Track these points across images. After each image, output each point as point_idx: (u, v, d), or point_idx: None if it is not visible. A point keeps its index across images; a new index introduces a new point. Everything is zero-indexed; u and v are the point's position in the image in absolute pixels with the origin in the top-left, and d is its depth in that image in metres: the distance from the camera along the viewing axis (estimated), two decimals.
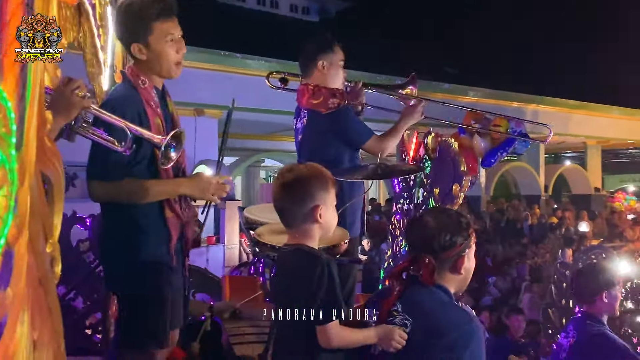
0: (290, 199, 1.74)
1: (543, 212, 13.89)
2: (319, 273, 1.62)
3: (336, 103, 2.79)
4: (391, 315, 1.69)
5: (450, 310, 1.69)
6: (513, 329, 5.68)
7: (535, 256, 10.64)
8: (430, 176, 3.77)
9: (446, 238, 1.70)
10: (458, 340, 1.60)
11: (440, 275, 1.72)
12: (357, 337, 1.67)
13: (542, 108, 12.73)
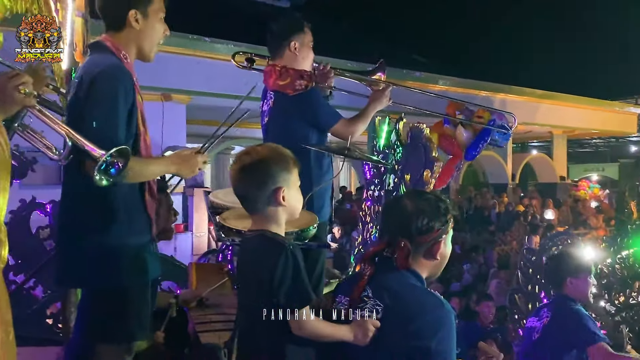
0: (250, 183, 1.67)
1: (510, 200, 14.13)
2: (283, 260, 1.57)
3: (304, 85, 2.73)
4: (362, 300, 1.65)
5: (421, 296, 1.65)
6: (483, 315, 5.76)
7: (502, 243, 10.83)
8: (401, 162, 3.74)
9: (424, 222, 1.65)
10: (428, 325, 1.56)
11: (415, 260, 1.69)
12: (331, 331, 1.62)
13: (510, 97, 12.87)
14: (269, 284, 1.57)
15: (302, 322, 1.57)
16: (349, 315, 1.65)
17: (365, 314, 1.62)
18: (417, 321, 1.57)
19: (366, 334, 1.59)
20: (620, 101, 16.69)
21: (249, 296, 1.68)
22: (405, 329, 1.57)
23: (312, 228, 2.06)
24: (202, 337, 2.69)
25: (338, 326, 1.63)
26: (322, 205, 2.69)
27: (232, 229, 1.97)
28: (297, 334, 1.58)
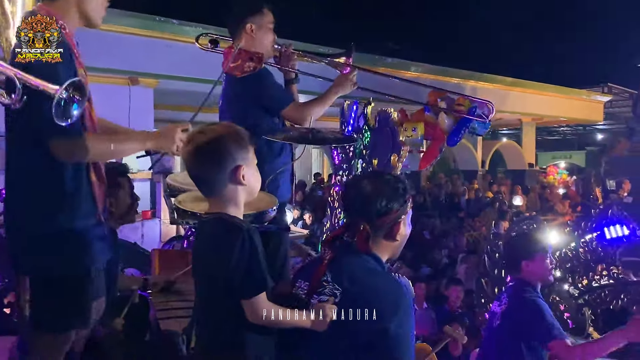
0: (207, 163, 1.58)
1: (480, 186, 14.32)
2: (239, 244, 1.50)
3: (252, 67, 2.66)
4: (321, 285, 1.62)
5: (379, 279, 1.63)
6: (451, 300, 5.82)
7: (471, 229, 10.98)
8: (369, 147, 3.72)
9: (382, 204, 1.62)
10: (386, 309, 1.54)
11: (375, 242, 1.66)
12: (289, 317, 1.57)
13: (480, 85, 12.98)
14: (224, 268, 1.51)
15: (258, 308, 1.52)
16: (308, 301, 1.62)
17: (324, 298, 1.59)
18: (375, 304, 1.54)
19: (325, 319, 1.55)
20: (588, 89, 17.00)
21: (205, 282, 1.62)
22: (363, 312, 1.53)
23: (272, 210, 2.00)
24: (163, 323, 2.63)
25: (296, 312, 1.58)
26: (277, 187, 2.63)
27: (188, 211, 1.89)
28: (253, 321, 1.53)
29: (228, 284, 1.51)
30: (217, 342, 1.59)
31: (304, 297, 1.63)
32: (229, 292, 1.52)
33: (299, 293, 1.66)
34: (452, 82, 12.38)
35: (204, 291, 1.64)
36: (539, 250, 2.90)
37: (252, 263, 1.51)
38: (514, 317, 2.81)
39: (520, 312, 2.80)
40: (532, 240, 3.00)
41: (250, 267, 1.50)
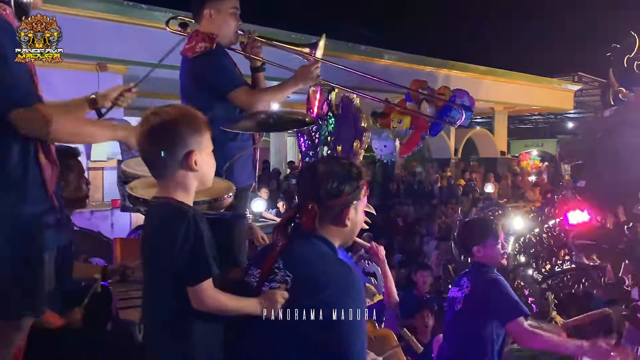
0: (159, 146, 1.54)
1: (452, 174, 14.47)
2: (184, 230, 1.47)
3: (203, 47, 2.60)
4: (272, 272, 1.60)
5: (329, 264, 1.61)
6: (419, 285, 5.88)
7: (444, 216, 11.10)
8: (333, 133, 3.71)
9: (333, 185, 1.61)
10: (335, 294, 1.53)
11: (325, 226, 1.65)
12: (237, 305, 1.56)
13: (453, 73, 13.04)
14: (168, 254, 1.48)
15: (203, 295, 1.49)
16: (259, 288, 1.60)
17: (275, 285, 1.58)
18: (325, 290, 1.53)
19: (274, 306, 1.54)
20: (559, 78, 17.23)
21: (150, 267, 1.59)
22: (313, 298, 1.53)
23: (228, 197, 1.98)
24: (122, 313, 2.59)
25: (244, 299, 1.57)
26: (233, 173, 2.59)
27: (140, 198, 1.85)
28: (198, 309, 1.50)
29: (172, 271, 1.49)
30: (161, 330, 1.56)
31: (255, 285, 1.61)
32: (173, 278, 1.49)
33: (251, 280, 1.64)
34: (425, 70, 12.42)
35: (149, 277, 1.61)
36: (490, 236, 2.93)
37: (197, 250, 1.48)
38: (479, 298, 2.85)
39: (485, 292, 2.83)
40: (483, 226, 3.03)
41: (194, 254, 1.48)
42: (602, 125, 2.49)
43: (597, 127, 2.51)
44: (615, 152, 2.36)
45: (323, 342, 1.51)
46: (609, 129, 2.41)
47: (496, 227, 2.97)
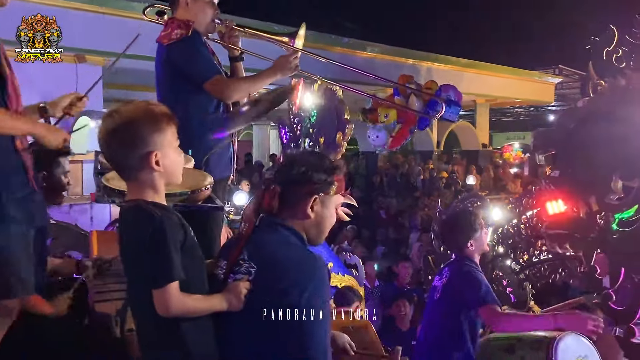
0: (118, 148, 1.52)
1: (435, 166, 14.55)
2: (150, 233, 1.46)
3: (179, 34, 2.56)
4: (238, 264, 1.59)
5: (292, 252, 1.60)
6: (400, 276, 5.94)
7: (426, 208, 11.15)
8: (315, 125, 3.69)
9: (301, 170, 1.60)
10: (297, 281, 1.52)
11: (290, 216, 1.64)
12: (202, 306, 1.53)
13: (435, 66, 13.09)
14: (135, 257, 1.48)
15: (166, 300, 1.45)
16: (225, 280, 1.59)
17: (239, 277, 1.57)
18: (288, 278, 1.53)
19: (239, 298, 1.53)
20: (540, 71, 17.39)
21: (126, 268, 1.58)
22: (275, 287, 1.52)
23: (205, 188, 1.96)
24: (99, 306, 2.56)
25: (209, 299, 1.55)
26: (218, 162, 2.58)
27: (114, 189, 1.83)
28: (164, 315, 1.46)
29: (140, 273, 1.49)
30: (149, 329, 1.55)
31: (222, 277, 1.60)
32: (143, 281, 1.49)
33: (219, 273, 1.63)
34: (408, 63, 12.46)
35: (128, 278, 1.60)
36: (479, 227, 3.02)
37: (162, 253, 1.46)
38: (454, 288, 2.91)
39: (460, 282, 2.90)
40: (474, 218, 3.08)
41: (159, 257, 1.45)
42: (576, 116, 2.52)
43: (570, 118, 2.54)
44: (588, 142, 2.40)
45: (286, 332, 1.50)
46: (582, 120, 2.45)
47: (481, 217, 3.04)
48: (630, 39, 2.65)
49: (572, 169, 2.52)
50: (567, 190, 2.59)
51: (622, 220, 2.44)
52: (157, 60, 2.70)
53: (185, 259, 1.50)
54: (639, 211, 2.41)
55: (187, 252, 1.52)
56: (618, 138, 2.37)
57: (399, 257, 6.76)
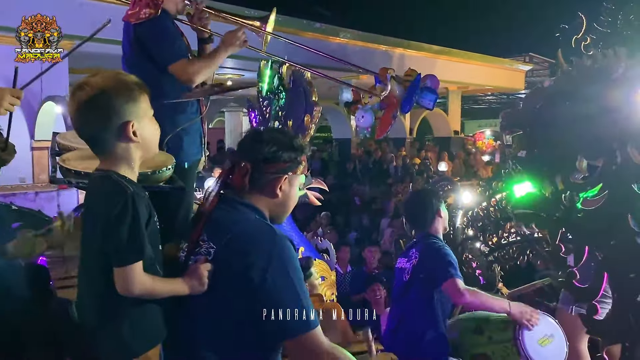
0: (91, 122, 1.44)
1: (408, 153, 14.64)
2: (120, 208, 1.39)
3: (148, 13, 2.49)
4: (198, 245, 1.55)
5: (251, 228, 1.55)
6: (368, 261, 5.97)
7: (399, 194, 11.23)
8: (284, 108, 3.65)
9: (270, 149, 1.57)
10: (260, 259, 1.47)
11: (254, 195, 1.61)
12: (163, 288, 1.48)
13: (408, 52, 13.11)
14: (101, 230, 1.41)
15: (129, 279, 1.40)
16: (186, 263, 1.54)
17: (200, 258, 1.52)
18: (249, 256, 1.48)
19: (201, 280, 1.48)
20: (511, 59, 17.58)
21: (85, 243, 1.50)
22: (240, 263, 1.48)
23: (167, 169, 1.90)
24: (61, 292, 2.50)
25: (172, 281, 1.50)
26: (180, 147, 2.52)
27: (71, 170, 1.76)
28: (122, 293, 1.41)
29: (104, 249, 1.41)
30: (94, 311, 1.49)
31: (183, 260, 1.55)
32: (105, 257, 1.42)
33: (181, 256, 1.58)
34: (380, 49, 12.44)
35: (84, 253, 1.52)
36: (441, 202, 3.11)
37: (131, 230, 1.40)
38: (425, 266, 2.92)
39: (429, 261, 2.92)
40: (436, 193, 3.13)
41: (126, 234, 1.39)
42: (542, 96, 2.53)
43: (536, 98, 2.56)
44: (554, 122, 2.41)
45: (255, 309, 1.46)
46: (548, 99, 2.46)
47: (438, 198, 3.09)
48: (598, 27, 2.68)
49: (538, 149, 2.54)
50: (533, 170, 2.61)
51: (587, 199, 2.48)
52: (125, 39, 2.62)
53: None
54: (603, 190, 2.44)
55: (148, 232, 1.46)
56: (582, 117, 2.39)
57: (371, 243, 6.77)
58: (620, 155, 2.42)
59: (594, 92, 2.38)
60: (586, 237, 2.54)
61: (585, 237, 2.54)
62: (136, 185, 1.50)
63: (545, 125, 2.45)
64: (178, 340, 1.55)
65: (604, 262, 2.52)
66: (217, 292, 1.49)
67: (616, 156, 2.41)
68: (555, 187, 2.53)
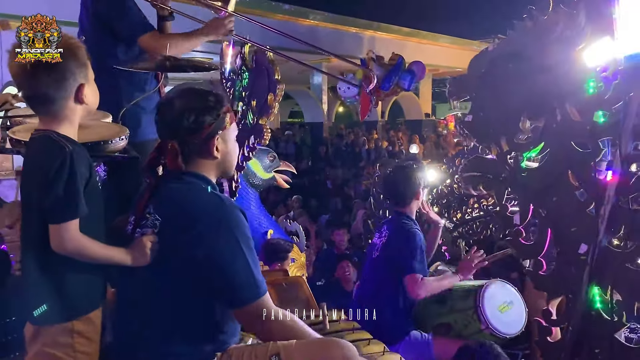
0: (45, 81, 1.45)
1: (380, 136, 14.73)
2: (58, 164, 1.40)
3: None
4: (144, 217, 1.54)
5: (199, 197, 1.55)
6: (337, 243, 6.02)
7: (370, 177, 11.30)
8: (247, 88, 3.62)
9: (191, 119, 1.53)
10: (208, 228, 1.48)
11: (193, 161, 1.58)
12: (102, 253, 1.48)
13: (378, 34, 13.13)
14: (39, 187, 1.41)
15: (64, 236, 1.41)
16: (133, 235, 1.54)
17: (147, 231, 1.52)
18: (197, 225, 1.48)
19: (144, 252, 1.48)
20: (480, 40, 17.73)
21: (24, 202, 1.50)
22: (184, 235, 1.48)
23: (120, 139, 1.89)
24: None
25: (112, 248, 1.50)
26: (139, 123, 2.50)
27: (22, 141, 1.74)
28: (57, 251, 1.41)
29: (41, 206, 1.41)
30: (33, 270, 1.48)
31: (130, 232, 1.55)
32: (42, 214, 1.42)
33: (128, 229, 1.57)
34: (350, 31, 12.43)
35: (24, 213, 1.51)
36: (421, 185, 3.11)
37: (67, 187, 1.41)
38: (392, 246, 2.95)
39: (397, 242, 2.94)
40: (418, 173, 3.14)
41: (63, 191, 1.40)
42: (486, 59, 2.59)
43: (481, 61, 2.61)
44: (497, 84, 2.46)
45: (205, 278, 1.47)
46: (492, 62, 2.51)
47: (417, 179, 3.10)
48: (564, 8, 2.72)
49: (483, 112, 2.58)
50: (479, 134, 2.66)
51: (530, 158, 2.55)
52: (82, 13, 2.58)
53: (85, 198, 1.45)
54: (545, 148, 2.51)
55: (87, 194, 1.46)
56: (524, 78, 2.44)
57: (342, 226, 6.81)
58: (560, 113, 2.47)
59: (534, 52, 2.44)
60: (530, 196, 2.60)
61: (529, 196, 2.61)
62: (77, 145, 1.51)
63: (490, 87, 2.50)
64: (123, 312, 1.57)
65: (547, 218, 2.59)
66: (164, 264, 1.49)
67: (556, 115, 2.47)
68: (500, 148, 2.59)
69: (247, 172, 4.29)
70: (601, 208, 2.34)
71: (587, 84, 2.36)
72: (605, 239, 2.35)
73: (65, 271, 1.47)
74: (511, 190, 2.68)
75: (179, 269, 1.48)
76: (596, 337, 2.40)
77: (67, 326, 1.48)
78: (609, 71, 2.30)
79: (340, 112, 17.33)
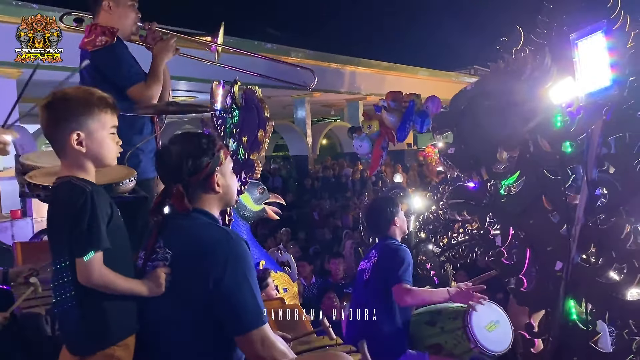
0: (47, 124, 1.59)
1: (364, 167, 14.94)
2: (81, 204, 1.52)
3: (104, 41, 2.62)
4: (154, 252, 1.67)
5: (207, 232, 1.68)
6: (333, 272, 6.11)
7: (357, 207, 11.45)
8: (238, 125, 3.78)
9: (189, 163, 1.68)
10: (216, 260, 1.60)
11: (198, 198, 1.72)
12: (125, 285, 1.59)
13: (358, 69, 13.49)
14: (64, 227, 1.52)
15: (89, 269, 1.51)
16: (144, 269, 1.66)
17: (158, 264, 1.64)
18: (206, 258, 1.61)
19: (158, 283, 1.60)
20: (457, 72, 18.26)
21: (52, 244, 1.61)
22: (195, 269, 1.60)
23: (130, 181, 2.03)
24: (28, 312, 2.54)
25: (130, 280, 1.61)
26: (139, 163, 2.65)
27: (38, 185, 1.88)
28: (83, 283, 1.52)
29: (68, 245, 1.52)
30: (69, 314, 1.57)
31: (141, 266, 1.67)
32: (69, 253, 1.53)
33: (139, 263, 1.70)
34: (332, 67, 12.77)
35: (52, 255, 1.61)
36: (400, 207, 3.30)
37: (90, 221, 1.52)
38: (382, 265, 3.10)
39: (386, 260, 3.10)
40: (394, 199, 3.33)
41: (86, 225, 1.51)
42: (465, 97, 2.85)
43: (461, 99, 2.87)
44: (476, 120, 2.70)
45: (212, 311, 1.59)
46: (470, 100, 2.77)
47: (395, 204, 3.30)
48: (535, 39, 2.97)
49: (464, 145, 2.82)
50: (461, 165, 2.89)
51: (508, 185, 2.79)
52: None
53: (109, 236, 1.56)
54: (521, 176, 2.76)
55: (112, 230, 1.58)
56: (500, 113, 2.69)
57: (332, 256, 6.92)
58: (533, 144, 2.73)
59: (507, 91, 2.70)
60: (510, 219, 2.84)
61: (509, 219, 2.85)
62: (96, 186, 1.62)
63: (469, 123, 2.75)
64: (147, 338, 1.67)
65: (526, 239, 2.83)
66: (176, 294, 1.61)
67: (529, 146, 2.74)
68: (481, 177, 2.83)
69: (238, 205, 4.42)
70: (572, 228, 2.56)
71: (554, 118, 2.63)
72: (577, 256, 2.56)
73: (104, 299, 1.56)
74: (492, 214, 2.90)
75: (189, 298, 1.60)
76: (574, 346, 2.58)
77: (109, 352, 1.56)
78: (573, 107, 2.57)
79: (324, 144, 17.56)
